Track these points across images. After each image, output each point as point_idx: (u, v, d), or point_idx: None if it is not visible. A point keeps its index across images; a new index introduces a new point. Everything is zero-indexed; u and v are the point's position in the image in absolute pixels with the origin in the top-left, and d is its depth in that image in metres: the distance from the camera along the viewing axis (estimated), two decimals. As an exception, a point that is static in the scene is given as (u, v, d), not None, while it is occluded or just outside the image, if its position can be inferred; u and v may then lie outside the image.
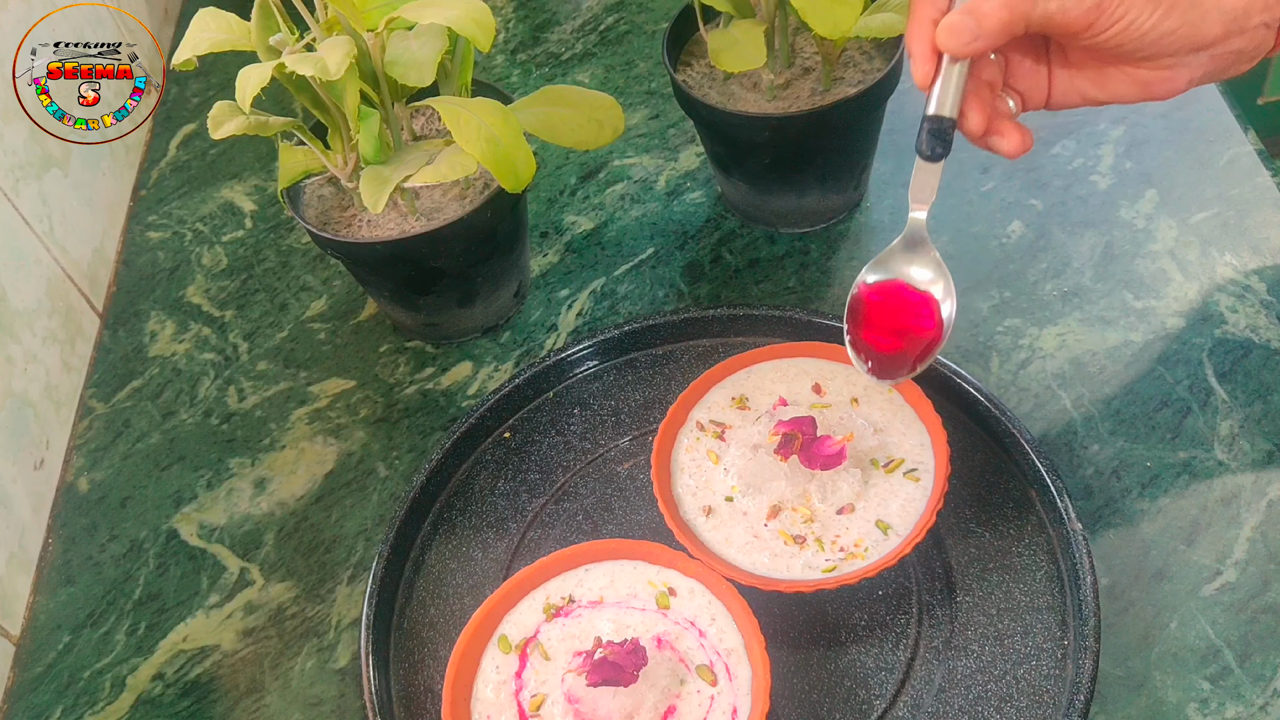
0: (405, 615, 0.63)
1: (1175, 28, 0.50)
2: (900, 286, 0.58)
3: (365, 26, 0.62)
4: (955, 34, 0.49)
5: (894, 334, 0.58)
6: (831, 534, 0.59)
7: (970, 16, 0.49)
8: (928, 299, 0.58)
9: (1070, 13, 0.49)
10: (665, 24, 0.75)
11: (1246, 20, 0.50)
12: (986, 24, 0.49)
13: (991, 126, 0.53)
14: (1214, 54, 0.51)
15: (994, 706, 0.55)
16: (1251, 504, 0.61)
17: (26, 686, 0.66)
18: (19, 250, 0.76)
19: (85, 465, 0.76)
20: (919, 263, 0.57)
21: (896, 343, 0.58)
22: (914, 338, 0.58)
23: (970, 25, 0.49)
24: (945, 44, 0.50)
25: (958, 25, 0.49)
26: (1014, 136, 0.53)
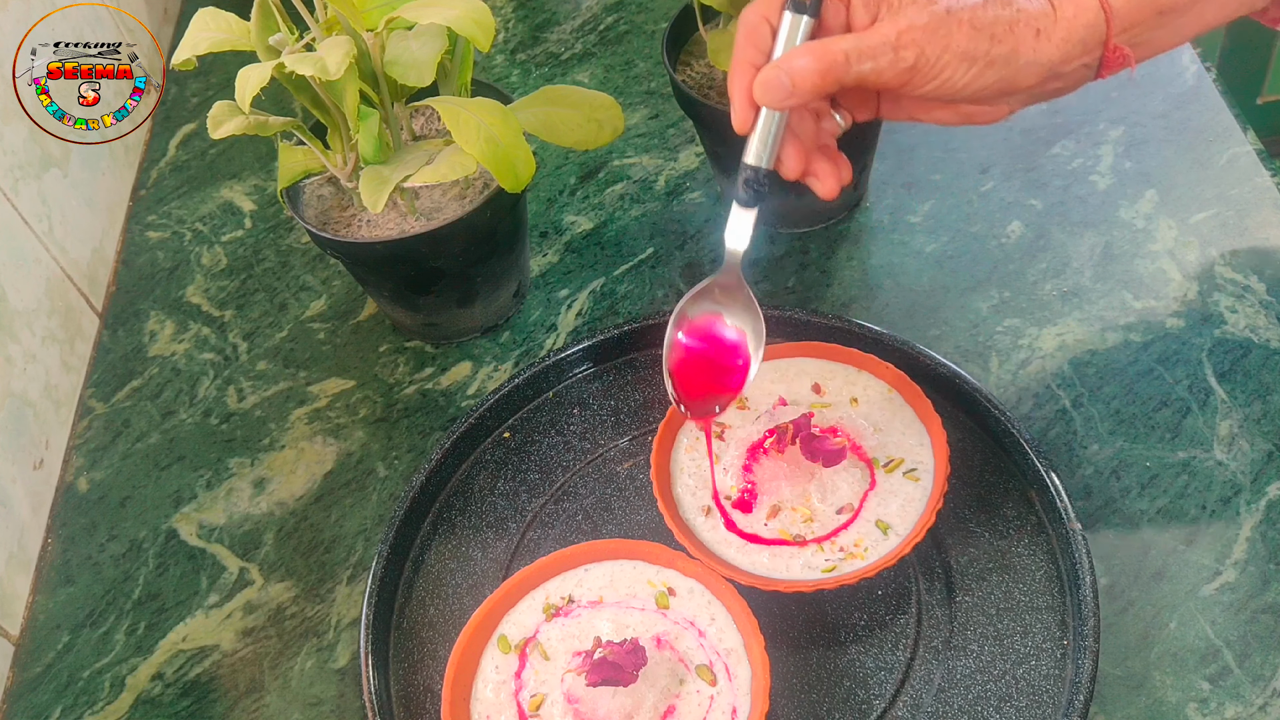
0: (405, 615, 0.63)
1: (990, 82, 0.51)
2: (714, 335, 0.58)
3: (365, 26, 0.62)
4: (770, 90, 0.50)
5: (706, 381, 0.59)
6: (831, 534, 0.59)
7: (785, 74, 0.49)
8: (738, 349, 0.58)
9: (884, 74, 0.50)
10: (665, 24, 0.75)
11: (1063, 67, 0.51)
12: (801, 84, 0.49)
13: (808, 168, 0.54)
14: (1033, 94, 0.52)
15: (993, 706, 0.55)
16: (1251, 504, 0.61)
17: (26, 686, 0.66)
18: (18, 250, 0.76)
19: (85, 465, 0.76)
20: (734, 309, 0.58)
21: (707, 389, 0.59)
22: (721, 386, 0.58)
23: (785, 83, 0.50)
24: (761, 99, 0.50)
25: (773, 82, 0.50)
26: (829, 180, 0.54)
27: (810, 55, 0.49)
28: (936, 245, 0.76)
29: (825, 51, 0.49)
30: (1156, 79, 0.82)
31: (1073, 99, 0.60)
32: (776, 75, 0.50)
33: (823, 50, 0.49)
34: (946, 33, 0.49)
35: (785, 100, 0.50)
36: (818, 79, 0.49)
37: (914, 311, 0.72)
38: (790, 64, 0.49)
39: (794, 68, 0.49)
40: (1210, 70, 0.82)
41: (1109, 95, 0.82)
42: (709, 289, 0.58)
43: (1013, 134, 0.81)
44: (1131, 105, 0.81)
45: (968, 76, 0.50)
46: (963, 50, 0.49)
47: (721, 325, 0.58)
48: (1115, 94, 0.82)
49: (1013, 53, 0.50)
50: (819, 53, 0.49)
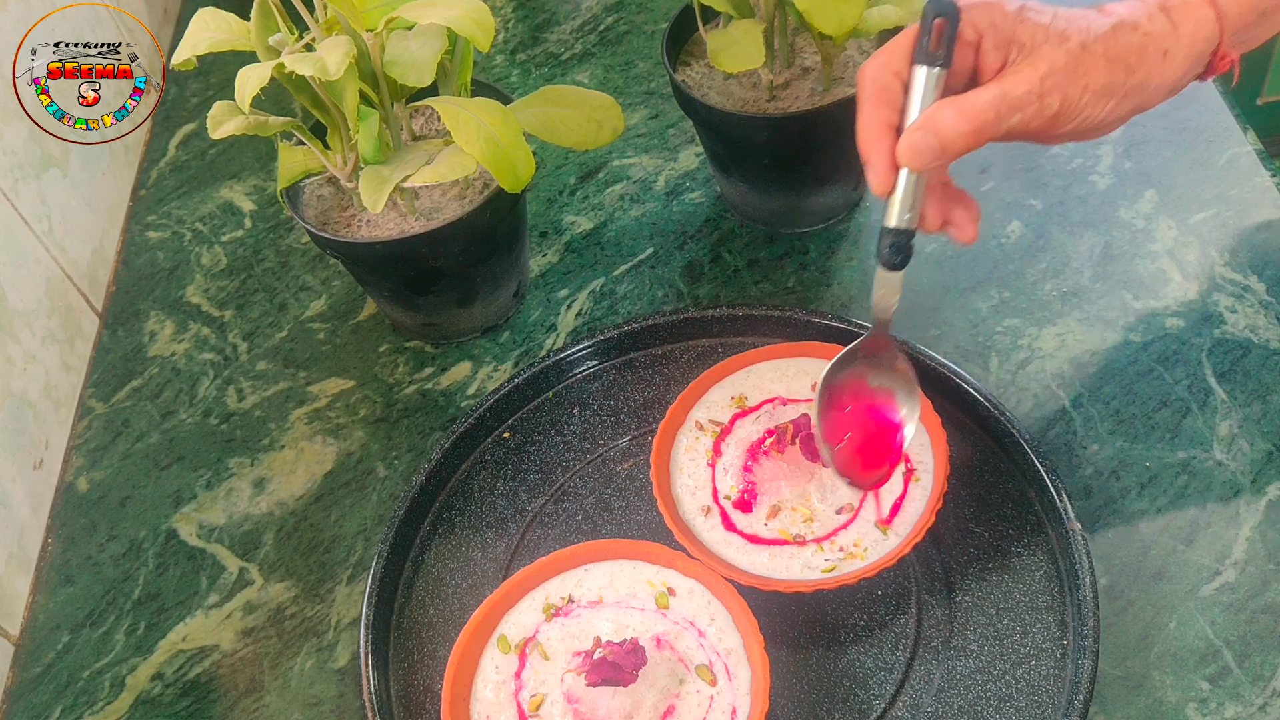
0: (404, 615, 0.63)
1: (1126, 111, 0.51)
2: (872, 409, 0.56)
3: (365, 26, 0.62)
4: (919, 155, 0.48)
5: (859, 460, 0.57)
6: (830, 534, 0.59)
7: (934, 136, 0.48)
8: (896, 429, 0.56)
9: (1030, 124, 0.49)
10: (664, 24, 0.75)
11: (1183, 82, 0.51)
12: (951, 146, 0.48)
13: (948, 217, 0.53)
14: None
15: (993, 706, 0.55)
16: (1251, 504, 0.61)
17: (26, 686, 0.66)
18: (18, 250, 0.76)
19: (84, 465, 0.76)
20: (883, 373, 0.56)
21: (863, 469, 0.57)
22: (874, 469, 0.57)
23: (934, 146, 0.48)
24: (909, 164, 0.49)
25: (921, 146, 0.48)
26: (968, 226, 0.53)
27: (959, 114, 0.47)
28: (936, 245, 0.76)
29: (974, 111, 0.47)
30: (1156, 79, 0.82)
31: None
32: (925, 139, 0.48)
33: (971, 109, 0.47)
34: (1084, 71, 0.48)
35: (933, 162, 0.48)
36: (969, 140, 0.48)
37: (914, 311, 0.72)
38: (937, 125, 0.48)
39: (942, 129, 0.48)
40: (1210, 70, 0.82)
41: (1109, 95, 0.82)
42: (855, 352, 0.56)
43: (1012, 134, 0.81)
44: (1131, 105, 0.81)
45: (1106, 110, 0.50)
46: (1102, 86, 0.49)
47: (871, 394, 0.56)
48: (1115, 94, 0.81)
49: (1146, 79, 0.49)
50: (968, 113, 0.47)
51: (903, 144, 0.48)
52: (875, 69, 0.49)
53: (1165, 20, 0.50)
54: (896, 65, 0.49)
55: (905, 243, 0.51)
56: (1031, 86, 0.48)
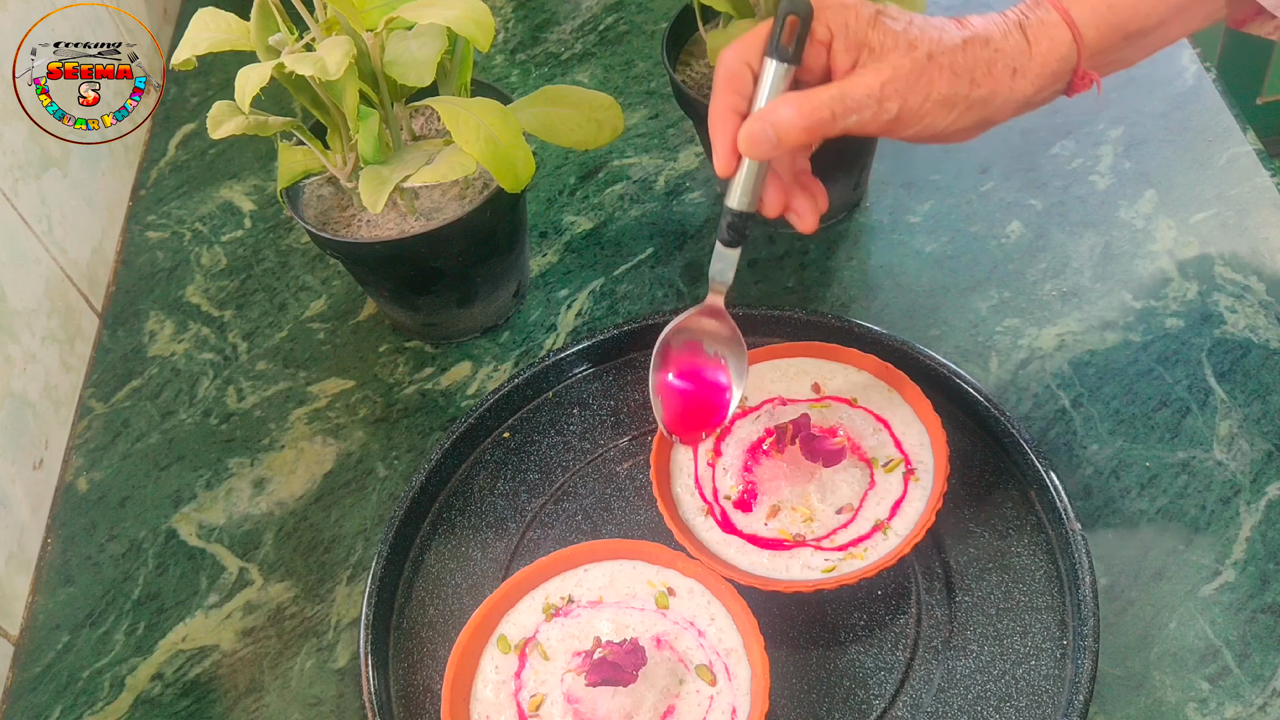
0: (404, 615, 0.63)
1: (969, 123, 0.52)
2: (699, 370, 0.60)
3: (364, 26, 0.62)
4: (756, 144, 0.50)
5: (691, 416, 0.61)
6: (830, 534, 0.59)
7: (771, 128, 0.49)
8: (721, 385, 0.60)
9: (868, 126, 0.50)
10: (664, 24, 0.75)
11: (1036, 98, 0.52)
12: (786, 138, 0.50)
13: (789, 205, 0.54)
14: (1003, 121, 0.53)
15: (993, 706, 0.55)
16: (1251, 504, 0.61)
17: (25, 686, 0.66)
18: (18, 250, 0.76)
19: (84, 465, 0.76)
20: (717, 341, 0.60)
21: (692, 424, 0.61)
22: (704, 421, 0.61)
23: (770, 137, 0.50)
24: (746, 152, 0.51)
25: (758, 135, 0.50)
26: (808, 215, 0.55)
27: (795, 110, 0.49)
28: (936, 245, 0.76)
29: (811, 107, 0.49)
30: (1156, 79, 0.82)
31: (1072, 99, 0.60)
32: (762, 129, 0.50)
33: (808, 105, 0.49)
34: (928, 81, 0.49)
35: (770, 153, 0.50)
36: (802, 134, 0.49)
37: (914, 311, 0.72)
38: (775, 118, 0.49)
39: (779, 122, 0.49)
40: (1210, 70, 0.82)
41: (1109, 95, 0.82)
42: (693, 320, 0.59)
43: (1012, 134, 0.81)
44: (1131, 105, 0.81)
45: (948, 120, 0.51)
46: (943, 97, 0.50)
47: (705, 358, 0.60)
48: (1115, 94, 0.82)
49: (991, 94, 0.51)
50: (804, 108, 0.49)
51: (742, 132, 0.50)
52: (730, 57, 0.51)
53: (1020, 38, 0.51)
54: (749, 55, 0.50)
55: (742, 224, 0.54)
56: (871, 91, 0.49)
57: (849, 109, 0.49)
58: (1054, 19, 0.51)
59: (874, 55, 0.49)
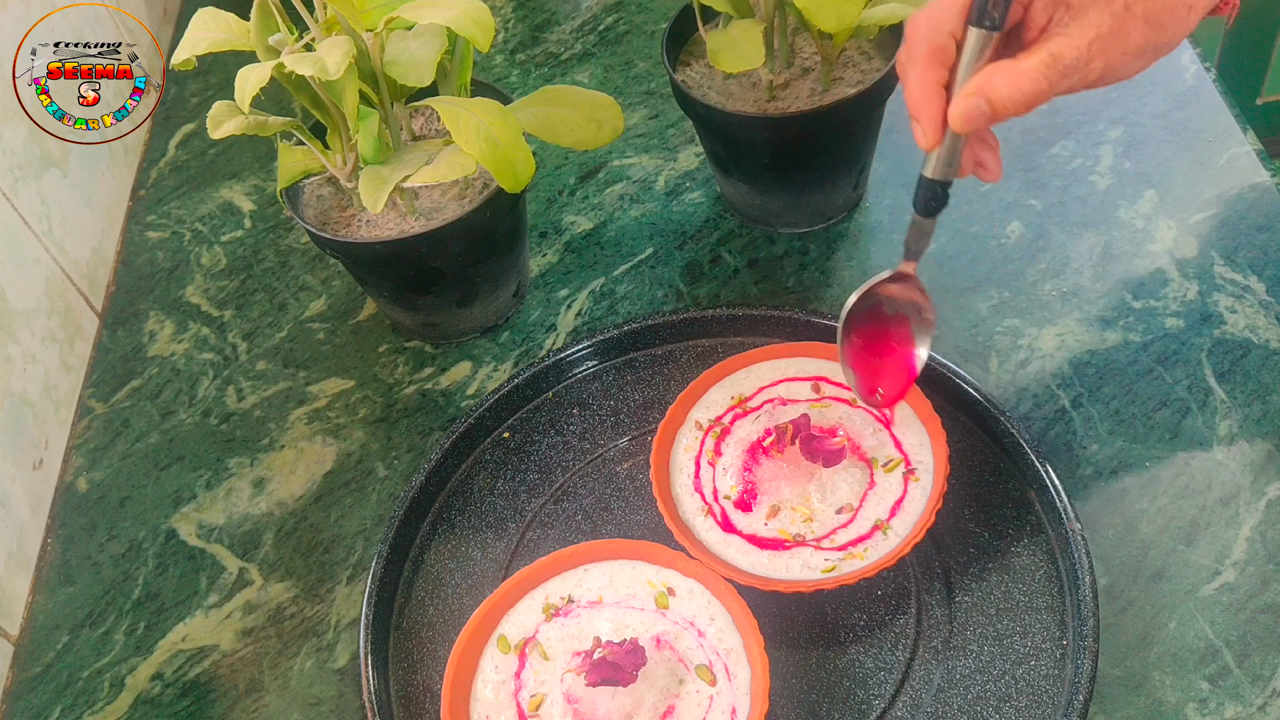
0: (404, 615, 0.63)
1: (1146, 65, 0.51)
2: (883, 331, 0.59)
3: (364, 26, 0.62)
4: (971, 120, 0.49)
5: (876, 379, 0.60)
6: (830, 534, 0.59)
7: (987, 104, 0.48)
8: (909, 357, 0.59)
9: (1076, 88, 0.50)
10: (664, 24, 0.75)
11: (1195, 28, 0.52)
12: (1003, 112, 0.49)
13: (978, 160, 0.54)
14: None
15: (993, 706, 0.55)
16: (1250, 504, 0.61)
17: (25, 686, 0.66)
18: (18, 250, 0.76)
19: (84, 465, 0.76)
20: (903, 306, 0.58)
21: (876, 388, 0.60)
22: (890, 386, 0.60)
23: (986, 112, 0.49)
24: (961, 128, 0.49)
25: (974, 112, 0.49)
26: (995, 167, 0.54)
27: (1011, 84, 0.48)
28: (936, 245, 0.76)
29: (1028, 78, 0.48)
30: (1156, 79, 0.82)
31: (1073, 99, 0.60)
32: (977, 104, 0.48)
33: (1025, 78, 0.48)
34: (1126, 34, 0.48)
35: (984, 126, 0.49)
36: (1022, 107, 0.48)
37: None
38: (992, 92, 0.48)
39: (996, 97, 0.48)
40: (1210, 70, 0.82)
41: (1109, 95, 0.82)
42: (880, 286, 0.58)
43: (1012, 134, 0.81)
44: (1131, 105, 0.81)
45: (1136, 67, 0.50)
46: (1138, 48, 0.49)
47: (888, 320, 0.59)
48: (1115, 94, 0.82)
49: (1174, 36, 0.50)
50: (1021, 82, 0.48)
51: (955, 109, 0.49)
52: (929, 28, 0.49)
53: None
54: (951, 25, 0.49)
55: (943, 192, 0.53)
56: (1080, 53, 0.48)
57: (1062, 74, 0.48)
58: None
59: (1072, 11, 0.48)
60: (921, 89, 0.50)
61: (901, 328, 0.59)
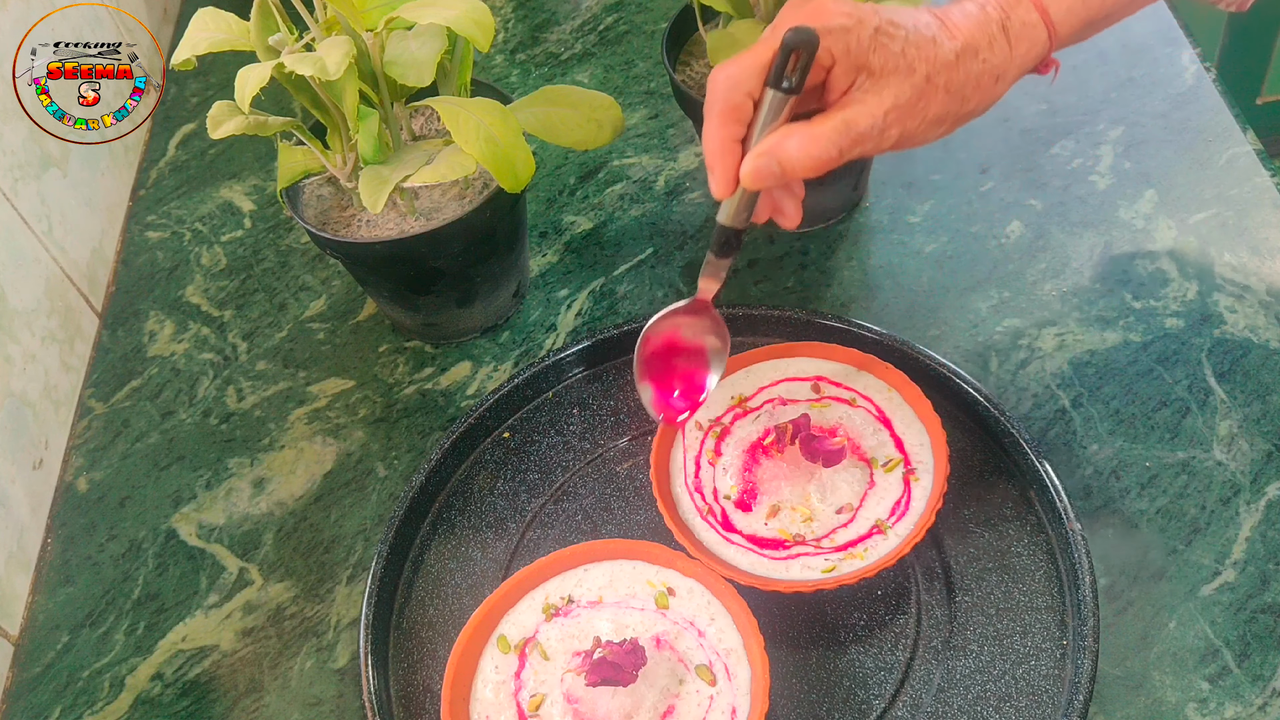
0: (404, 615, 0.63)
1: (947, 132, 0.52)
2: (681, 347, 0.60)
3: (364, 26, 0.62)
4: (761, 178, 0.50)
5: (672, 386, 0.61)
6: (830, 534, 0.59)
7: (777, 164, 0.49)
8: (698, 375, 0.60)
9: (869, 153, 0.51)
10: (664, 24, 0.75)
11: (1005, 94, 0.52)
12: (792, 173, 0.50)
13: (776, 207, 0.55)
14: None
15: (993, 706, 0.55)
16: (1250, 504, 0.61)
17: (25, 686, 0.66)
18: (18, 250, 0.76)
19: (84, 465, 0.76)
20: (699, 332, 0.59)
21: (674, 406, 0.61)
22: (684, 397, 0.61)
23: (776, 172, 0.50)
24: (751, 185, 0.50)
25: (764, 170, 0.49)
26: (794, 215, 0.55)
27: (802, 148, 0.49)
28: (936, 245, 0.76)
29: (819, 145, 0.49)
30: (1156, 79, 0.82)
31: (1073, 99, 0.60)
32: (767, 164, 0.49)
33: (816, 144, 0.49)
34: (925, 103, 0.49)
35: (774, 183, 0.50)
36: (811, 170, 0.49)
37: (913, 311, 0.72)
38: (782, 154, 0.49)
39: (786, 159, 0.49)
40: (1210, 70, 0.82)
41: (1108, 95, 0.82)
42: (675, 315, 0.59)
43: (1012, 134, 0.81)
44: (1131, 105, 0.81)
45: (933, 135, 0.51)
46: (937, 116, 0.50)
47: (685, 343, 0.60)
48: (1115, 94, 0.82)
49: (977, 106, 0.51)
50: (811, 147, 0.49)
51: (747, 167, 0.50)
52: (727, 85, 0.50)
53: (1004, 43, 0.50)
54: (750, 85, 0.49)
55: (736, 237, 0.54)
56: (875, 121, 0.49)
57: (854, 141, 0.49)
58: (1034, 19, 0.51)
59: (873, 79, 0.49)
60: (716, 143, 0.51)
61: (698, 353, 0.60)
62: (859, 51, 0.48)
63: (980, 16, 0.51)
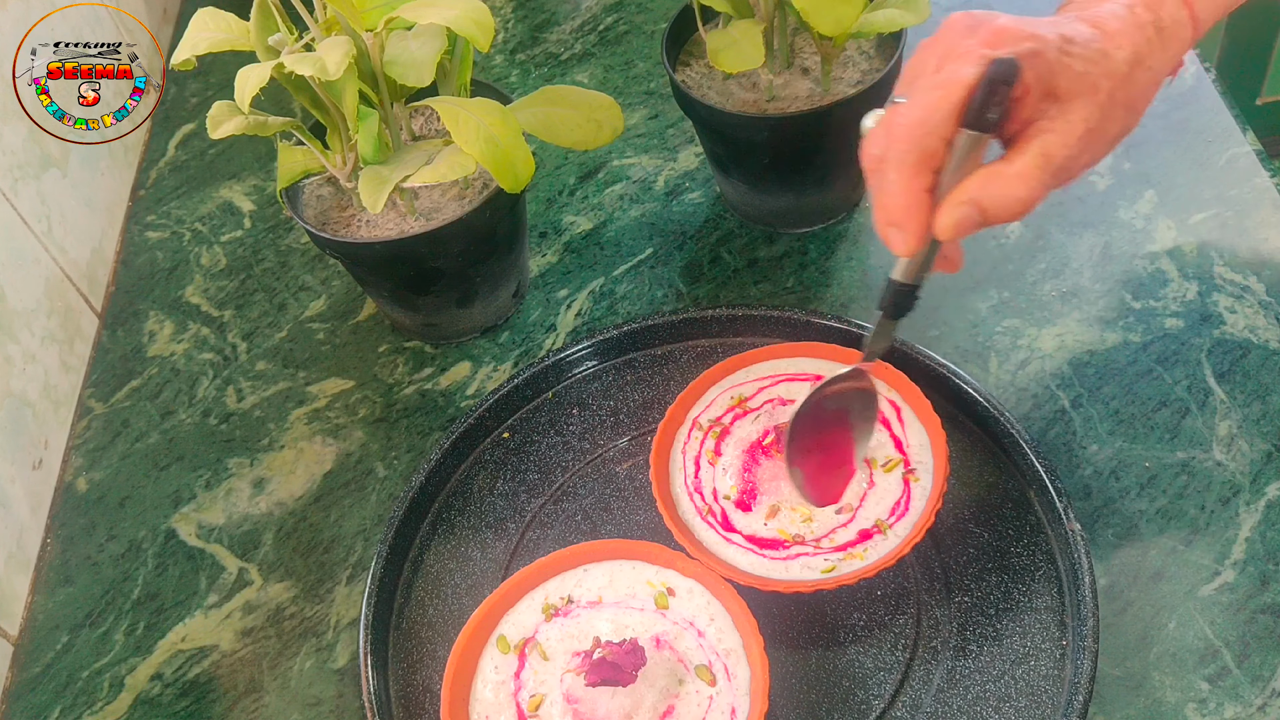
0: (404, 615, 0.63)
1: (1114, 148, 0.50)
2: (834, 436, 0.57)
3: (364, 26, 0.62)
4: (963, 230, 0.46)
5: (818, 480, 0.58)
6: (830, 534, 0.59)
7: (979, 213, 0.45)
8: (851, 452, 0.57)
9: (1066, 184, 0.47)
10: (664, 24, 0.75)
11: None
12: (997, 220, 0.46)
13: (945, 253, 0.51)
14: None
15: (992, 707, 0.55)
16: (1250, 504, 0.61)
17: (25, 686, 0.66)
18: (18, 250, 0.76)
19: (84, 465, 0.76)
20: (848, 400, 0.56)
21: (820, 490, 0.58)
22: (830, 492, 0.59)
23: (978, 221, 0.45)
24: (949, 236, 0.46)
25: (967, 221, 0.45)
26: (956, 259, 0.52)
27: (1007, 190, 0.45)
28: (936, 245, 0.76)
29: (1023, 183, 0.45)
30: (1156, 79, 0.82)
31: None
32: (969, 214, 0.45)
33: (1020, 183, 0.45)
34: (1109, 123, 0.46)
35: (975, 231, 0.46)
36: (1017, 213, 0.45)
37: (914, 312, 0.72)
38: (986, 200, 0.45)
39: (991, 205, 0.45)
40: (1210, 70, 0.82)
41: (1108, 95, 0.82)
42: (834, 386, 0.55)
43: (1012, 134, 0.81)
44: (1131, 105, 0.81)
45: (1107, 154, 0.48)
46: (1117, 134, 0.47)
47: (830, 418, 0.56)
48: (1115, 94, 0.81)
49: (1139, 118, 0.48)
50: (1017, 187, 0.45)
51: (946, 219, 0.46)
52: (919, 131, 0.45)
53: (1160, 45, 0.47)
54: (943, 128, 0.45)
55: (913, 295, 0.50)
56: (1071, 150, 0.45)
57: (1055, 176, 0.45)
58: (1183, 16, 0.48)
59: (1060, 104, 0.45)
60: (906, 196, 0.46)
61: (842, 425, 0.56)
62: (1048, 75, 0.45)
63: (1132, 19, 0.47)
